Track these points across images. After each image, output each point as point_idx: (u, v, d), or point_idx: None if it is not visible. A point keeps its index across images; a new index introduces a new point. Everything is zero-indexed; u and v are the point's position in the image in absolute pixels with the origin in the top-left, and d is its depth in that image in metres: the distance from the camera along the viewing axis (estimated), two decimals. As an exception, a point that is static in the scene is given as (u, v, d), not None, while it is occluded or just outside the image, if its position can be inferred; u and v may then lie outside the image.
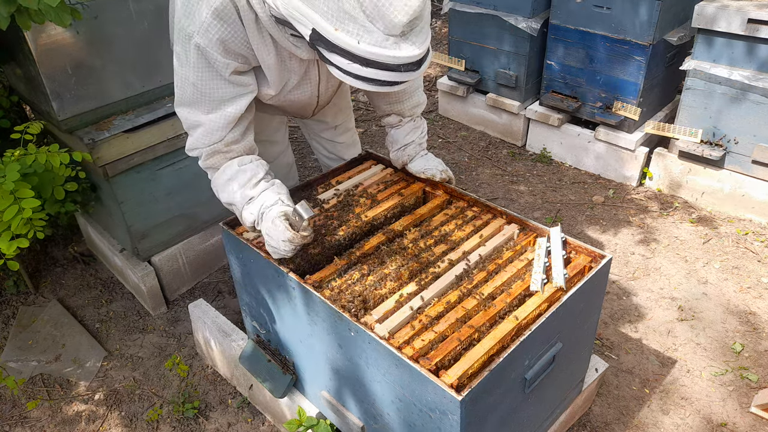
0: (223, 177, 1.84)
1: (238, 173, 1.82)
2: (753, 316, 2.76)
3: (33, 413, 2.49)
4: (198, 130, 1.79)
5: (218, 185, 1.87)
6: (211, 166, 1.86)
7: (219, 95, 1.73)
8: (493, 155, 4.08)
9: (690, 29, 3.40)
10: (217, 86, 1.71)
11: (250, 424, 2.40)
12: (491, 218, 2.04)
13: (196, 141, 1.82)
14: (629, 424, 2.34)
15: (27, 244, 2.17)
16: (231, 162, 1.84)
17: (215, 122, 1.76)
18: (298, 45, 1.67)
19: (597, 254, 1.83)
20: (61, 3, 1.87)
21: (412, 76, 1.46)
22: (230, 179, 1.83)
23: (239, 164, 1.83)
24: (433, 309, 1.68)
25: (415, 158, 2.20)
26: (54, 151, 2.26)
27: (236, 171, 1.82)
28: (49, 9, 1.85)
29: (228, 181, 1.83)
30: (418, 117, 2.23)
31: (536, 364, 1.68)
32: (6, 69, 2.69)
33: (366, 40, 1.37)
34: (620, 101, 3.53)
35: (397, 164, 2.24)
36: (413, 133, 2.20)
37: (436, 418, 1.51)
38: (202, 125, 1.77)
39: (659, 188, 3.63)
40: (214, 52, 1.63)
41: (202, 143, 1.81)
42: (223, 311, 2.67)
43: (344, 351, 1.74)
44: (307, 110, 2.15)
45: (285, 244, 1.72)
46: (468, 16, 3.93)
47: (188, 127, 1.82)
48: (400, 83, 1.47)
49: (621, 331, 2.73)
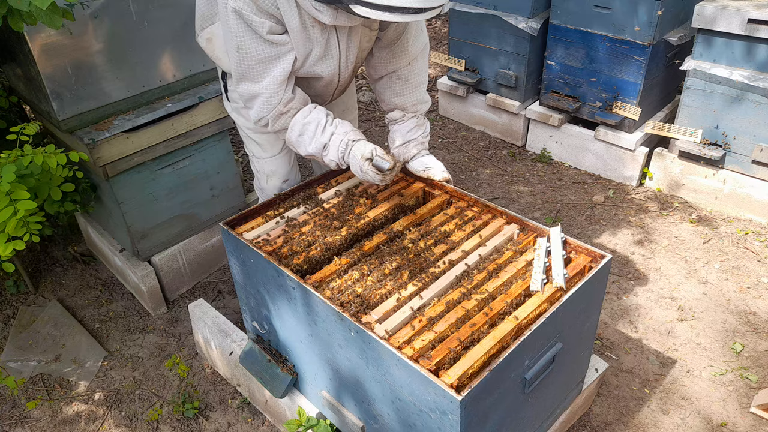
0: (293, 134, 2.02)
1: (305, 127, 2.00)
2: (753, 316, 2.76)
3: (33, 413, 2.49)
4: (257, 101, 1.94)
5: (292, 142, 2.05)
6: (280, 128, 2.03)
7: (262, 55, 1.85)
8: (493, 155, 4.08)
9: (690, 29, 3.40)
10: (257, 47, 1.83)
11: (250, 424, 2.40)
12: (491, 218, 2.04)
13: (259, 111, 1.97)
14: (629, 424, 2.34)
15: (23, 247, 2.16)
16: (295, 119, 2.01)
17: (269, 88, 1.91)
18: (320, 9, 1.76)
19: (597, 254, 1.83)
20: (52, 5, 1.86)
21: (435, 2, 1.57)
22: (300, 134, 2.01)
23: (302, 118, 2.00)
24: (433, 309, 1.68)
25: (416, 156, 2.21)
26: (51, 152, 2.26)
27: (303, 125, 2.00)
28: (39, 11, 1.85)
29: (299, 136, 2.02)
30: (422, 116, 2.25)
31: (536, 364, 1.68)
32: (6, 69, 2.69)
33: None
34: (620, 101, 3.53)
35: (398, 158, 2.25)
36: (415, 131, 2.20)
37: (436, 418, 1.51)
38: (260, 95, 1.92)
39: (659, 188, 3.63)
40: (249, 12, 1.76)
41: (265, 111, 1.96)
42: (223, 311, 2.68)
43: (344, 351, 1.74)
44: (328, 90, 2.19)
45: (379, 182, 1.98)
46: (468, 16, 3.93)
47: (247, 101, 1.98)
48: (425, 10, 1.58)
49: (621, 331, 2.73)
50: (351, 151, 1.98)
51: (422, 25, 2.13)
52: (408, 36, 2.08)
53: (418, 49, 2.13)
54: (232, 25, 1.79)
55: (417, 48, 2.12)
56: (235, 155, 3.90)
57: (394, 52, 2.11)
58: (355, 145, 1.99)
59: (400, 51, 2.10)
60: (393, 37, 2.07)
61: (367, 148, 1.97)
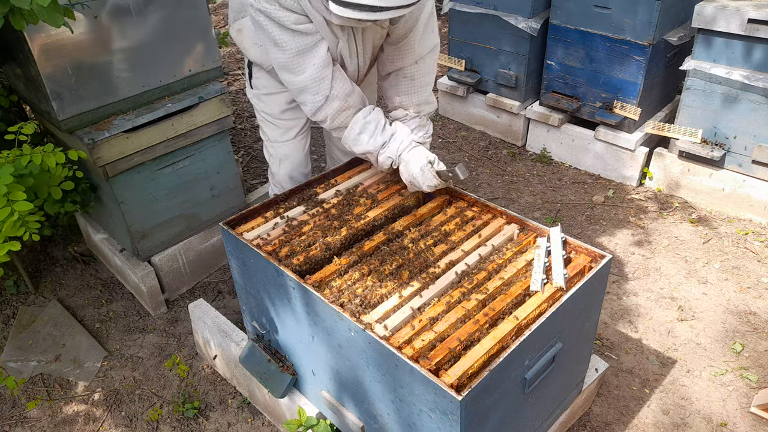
0: (353, 132, 2.09)
1: (365, 125, 2.08)
2: (753, 316, 2.76)
3: (33, 413, 2.49)
4: (306, 95, 2.02)
5: (350, 139, 2.11)
6: (340, 125, 2.10)
7: (298, 46, 1.92)
8: (493, 155, 4.08)
9: (690, 29, 3.40)
10: (291, 40, 1.90)
11: (250, 424, 2.40)
12: (491, 218, 2.04)
13: (312, 103, 2.03)
14: (629, 424, 2.34)
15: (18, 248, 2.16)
16: (356, 117, 2.08)
17: (313, 77, 1.97)
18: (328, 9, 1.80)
19: (597, 254, 1.83)
20: (53, 3, 1.87)
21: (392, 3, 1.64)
22: (360, 132, 2.08)
23: (363, 117, 2.08)
24: (433, 309, 1.68)
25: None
26: (49, 151, 2.26)
27: (363, 124, 2.08)
28: (41, 9, 1.85)
29: (359, 134, 2.08)
30: (425, 117, 2.25)
31: (536, 364, 1.68)
32: (6, 69, 2.69)
33: None
34: (620, 101, 3.53)
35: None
36: (417, 131, 2.20)
37: (436, 418, 1.51)
38: (307, 87, 1.99)
39: (659, 188, 3.63)
40: (273, 9, 1.84)
41: (318, 101, 2.02)
42: (223, 311, 2.67)
43: (344, 351, 1.74)
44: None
45: (428, 187, 2.04)
46: (468, 16, 3.93)
47: (298, 96, 2.07)
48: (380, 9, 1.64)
49: (621, 331, 2.73)
50: (413, 151, 2.07)
51: (433, 26, 2.13)
52: (415, 35, 2.09)
53: (425, 50, 2.14)
54: (263, 23, 1.89)
55: (424, 48, 2.14)
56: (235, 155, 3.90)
57: (402, 49, 2.13)
58: (419, 147, 2.10)
59: (407, 49, 2.13)
60: (401, 34, 2.08)
61: (431, 154, 2.08)
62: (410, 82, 2.18)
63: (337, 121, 2.09)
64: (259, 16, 1.89)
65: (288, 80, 2.03)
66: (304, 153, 2.57)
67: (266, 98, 2.44)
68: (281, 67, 2.01)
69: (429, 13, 2.09)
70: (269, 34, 1.92)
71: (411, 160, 2.06)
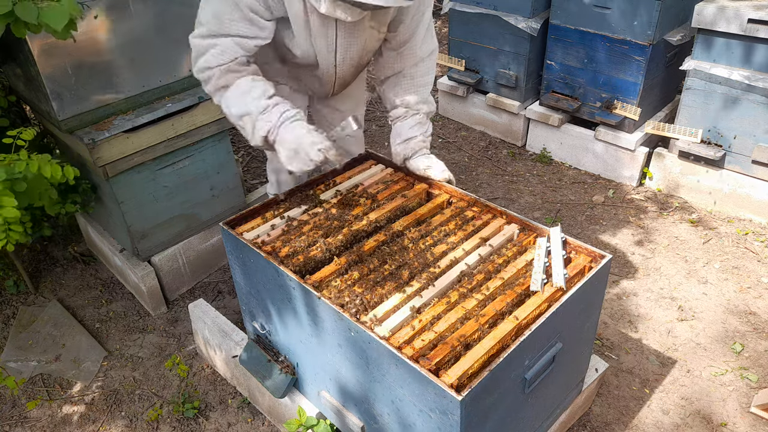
0: (237, 91, 1.93)
1: (252, 87, 1.92)
2: (753, 316, 2.76)
3: (33, 413, 2.49)
4: (211, 51, 1.88)
5: (231, 100, 1.94)
6: (224, 85, 1.94)
7: (235, 30, 1.85)
8: (493, 155, 4.08)
9: (690, 29, 3.40)
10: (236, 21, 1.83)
11: (250, 425, 2.40)
12: (491, 218, 2.04)
13: (209, 60, 1.90)
14: (629, 424, 2.34)
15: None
16: (244, 78, 1.94)
17: (228, 46, 1.87)
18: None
19: (597, 254, 1.83)
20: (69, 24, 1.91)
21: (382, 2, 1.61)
22: (244, 93, 1.92)
23: (253, 80, 1.94)
24: (434, 309, 1.68)
25: (416, 155, 2.21)
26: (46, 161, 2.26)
27: (251, 85, 1.93)
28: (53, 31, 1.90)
29: (242, 94, 1.92)
30: (425, 115, 2.25)
31: (536, 364, 1.67)
32: (6, 69, 2.69)
33: None
34: (620, 101, 3.53)
35: (397, 159, 2.25)
36: (417, 128, 2.20)
37: (436, 418, 1.51)
38: (216, 46, 1.87)
39: (659, 188, 3.63)
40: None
41: (215, 61, 1.89)
42: (223, 311, 2.67)
43: (344, 351, 1.74)
44: (327, 81, 2.20)
45: (315, 153, 1.85)
46: (468, 16, 3.93)
47: (200, 53, 1.91)
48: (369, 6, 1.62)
49: (621, 331, 2.73)
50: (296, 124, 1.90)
51: (432, 30, 2.16)
52: (416, 40, 2.11)
53: (425, 52, 2.17)
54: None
55: (425, 51, 2.16)
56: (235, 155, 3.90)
57: (403, 54, 2.14)
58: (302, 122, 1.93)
59: (408, 53, 2.14)
60: (402, 39, 2.10)
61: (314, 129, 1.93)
62: (410, 81, 2.19)
63: (222, 81, 1.93)
64: None
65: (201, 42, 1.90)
66: None
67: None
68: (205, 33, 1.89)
69: (429, 18, 2.11)
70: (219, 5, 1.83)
71: (294, 131, 1.89)
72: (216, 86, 1.95)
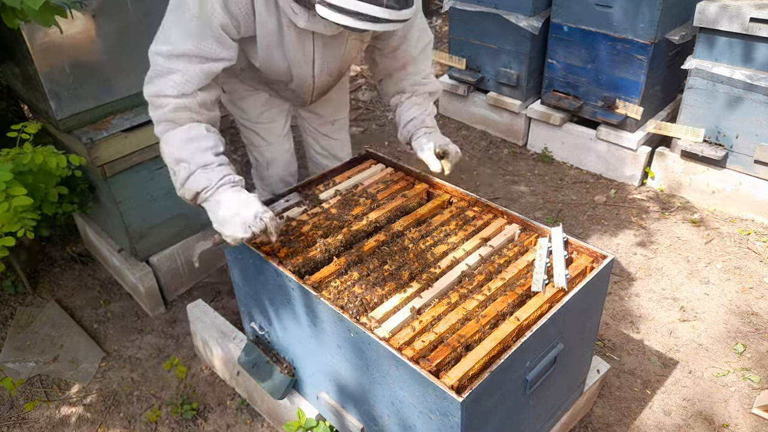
0: (186, 135, 1.76)
1: (204, 137, 1.77)
2: (755, 317, 2.75)
3: (31, 414, 2.47)
4: (173, 77, 1.73)
5: (175, 140, 1.76)
6: (175, 120, 1.77)
7: (204, 50, 1.72)
8: (494, 155, 4.07)
9: (692, 28, 3.39)
10: (206, 40, 1.71)
11: (248, 426, 2.39)
12: (492, 218, 2.02)
13: (167, 86, 1.73)
14: (631, 425, 2.32)
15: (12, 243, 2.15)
16: (198, 124, 1.79)
17: (194, 73, 1.74)
18: (296, 11, 1.73)
19: (598, 254, 1.82)
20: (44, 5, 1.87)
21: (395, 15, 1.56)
22: (192, 139, 1.76)
23: (207, 129, 1.80)
24: (434, 310, 1.67)
25: (416, 137, 2.12)
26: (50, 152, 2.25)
27: (203, 134, 1.78)
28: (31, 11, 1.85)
29: (190, 140, 1.76)
30: (421, 96, 2.18)
31: (537, 365, 1.66)
32: (4, 68, 2.68)
33: None
34: (622, 100, 3.51)
35: (405, 147, 2.24)
36: (414, 110, 2.14)
37: (436, 419, 1.50)
38: (179, 72, 1.73)
39: (661, 188, 3.61)
40: (214, 1, 1.67)
41: (174, 91, 1.73)
42: (221, 312, 2.66)
43: (344, 352, 1.72)
44: (306, 91, 2.15)
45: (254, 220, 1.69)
46: (469, 14, 3.92)
47: (158, 74, 1.75)
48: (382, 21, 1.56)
49: (623, 331, 2.72)
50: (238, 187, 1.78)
51: (423, 25, 2.11)
52: (410, 42, 2.08)
53: (419, 50, 2.13)
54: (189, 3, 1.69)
55: (418, 49, 2.12)
56: (234, 155, 3.89)
57: (396, 56, 2.11)
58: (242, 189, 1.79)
59: (402, 54, 2.11)
60: (394, 45, 2.07)
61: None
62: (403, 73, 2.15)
63: (175, 115, 1.77)
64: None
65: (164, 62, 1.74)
66: (290, 153, 2.52)
67: (241, 103, 2.31)
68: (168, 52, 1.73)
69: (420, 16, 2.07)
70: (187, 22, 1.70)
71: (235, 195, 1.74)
72: (164, 117, 1.78)
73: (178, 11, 1.72)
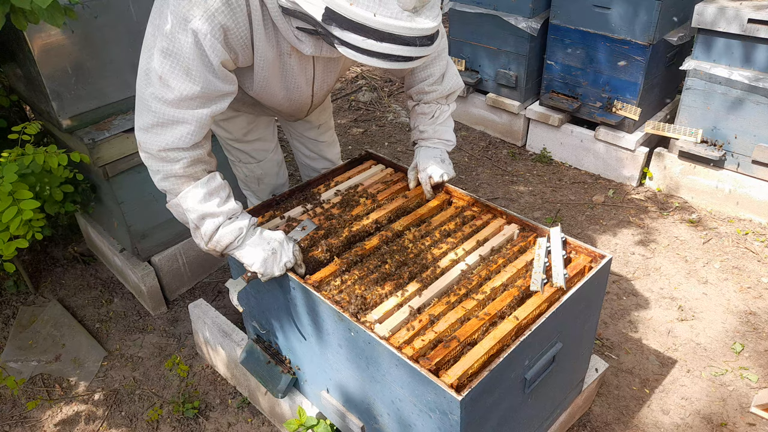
0: (206, 189, 1.72)
1: (222, 187, 1.76)
2: (753, 316, 2.76)
3: (33, 413, 2.49)
4: (183, 128, 1.63)
5: (196, 198, 1.71)
6: (191, 175, 1.71)
7: (210, 89, 1.61)
8: (493, 155, 4.08)
9: (690, 29, 3.40)
10: (209, 80, 1.60)
11: (250, 424, 2.40)
12: (491, 218, 2.04)
13: (178, 139, 1.63)
14: (629, 424, 2.34)
15: (26, 245, 2.17)
16: (213, 175, 1.75)
17: (203, 119, 1.64)
18: (302, 39, 1.63)
19: (597, 254, 1.83)
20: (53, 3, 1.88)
21: (426, 51, 1.48)
22: (213, 193, 1.73)
23: (220, 177, 1.77)
24: (433, 309, 1.68)
25: (418, 147, 2.16)
26: (52, 152, 2.26)
27: (220, 184, 1.75)
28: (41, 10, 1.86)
29: (210, 194, 1.73)
30: (429, 105, 2.15)
31: (536, 364, 1.67)
32: (6, 69, 2.69)
33: (382, 12, 1.39)
34: (620, 101, 3.53)
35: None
36: (419, 119, 2.16)
37: (436, 418, 1.51)
38: (189, 122, 1.62)
39: (659, 188, 3.63)
40: (214, 39, 1.53)
41: (186, 143, 1.64)
42: (223, 311, 2.67)
43: (344, 351, 1.74)
44: (302, 110, 2.14)
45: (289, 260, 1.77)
46: (468, 16, 3.93)
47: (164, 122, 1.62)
48: (415, 58, 1.48)
49: (621, 331, 2.73)
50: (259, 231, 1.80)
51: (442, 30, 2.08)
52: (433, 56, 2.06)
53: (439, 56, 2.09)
54: (185, 47, 1.53)
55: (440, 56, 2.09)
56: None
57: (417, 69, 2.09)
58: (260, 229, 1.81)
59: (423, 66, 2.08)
60: None
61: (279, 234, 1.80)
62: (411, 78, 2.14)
63: (191, 170, 1.70)
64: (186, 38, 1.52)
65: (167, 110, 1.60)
66: (279, 167, 2.49)
67: (225, 124, 2.22)
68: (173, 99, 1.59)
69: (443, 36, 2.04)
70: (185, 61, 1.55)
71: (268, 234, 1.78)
72: (177, 173, 1.69)
73: (171, 55, 1.55)
